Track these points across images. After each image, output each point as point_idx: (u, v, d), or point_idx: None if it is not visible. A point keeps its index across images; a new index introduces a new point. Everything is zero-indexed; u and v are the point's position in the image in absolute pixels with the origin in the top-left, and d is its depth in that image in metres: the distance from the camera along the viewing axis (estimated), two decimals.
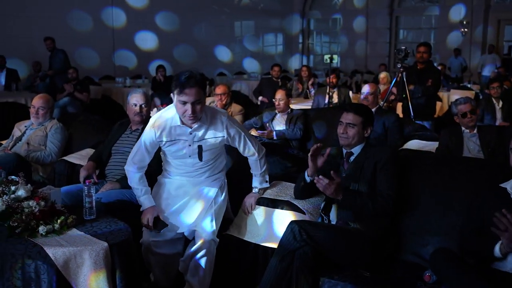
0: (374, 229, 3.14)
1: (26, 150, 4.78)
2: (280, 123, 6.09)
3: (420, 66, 6.83)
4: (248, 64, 17.19)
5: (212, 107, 3.45)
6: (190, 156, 3.32)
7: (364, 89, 5.92)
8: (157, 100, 9.81)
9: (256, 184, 3.64)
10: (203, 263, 3.37)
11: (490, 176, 3.16)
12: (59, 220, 2.91)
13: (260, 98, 9.53)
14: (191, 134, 3.26)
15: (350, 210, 3.19)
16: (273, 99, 6.35)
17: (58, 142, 4.87)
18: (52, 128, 4.91)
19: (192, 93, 3.08)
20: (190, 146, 3.28)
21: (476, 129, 4.76)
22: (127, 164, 3.43)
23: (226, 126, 3.33)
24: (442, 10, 16.63)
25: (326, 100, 8.00)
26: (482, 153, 4.64)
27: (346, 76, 16.21)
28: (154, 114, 3.40)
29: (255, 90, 10.37)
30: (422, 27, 18.14)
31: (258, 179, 3.63)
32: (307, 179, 3.40)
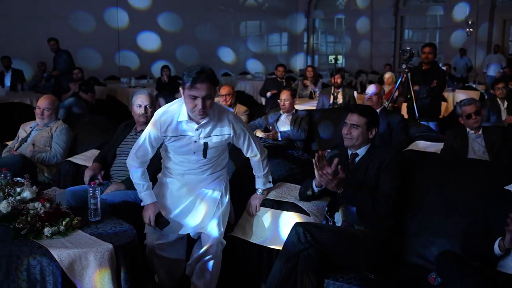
0: (378, 231, 3.14)
1: (32, 151, 4.80)
2: (285, 124, 6.09)
3: (425, 66, 6.81)
4: (252, 65, 17.16)
5: (219, 105, 3.39)
6: (194, 152, 3.27)
7: (368, 89, 5.92)
8: (162, 101, 9.84)
9: (259, 185, 3.62)
10: (210, 266, 3.36)
11: (495, 177, 3.16)
12: (64, 222, 2.91)
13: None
14: (198, 130, 3.20)
15: (350, 204, 3.19)
16: (277, 100, 6.36)
17: (63, 143, 4.88)
18: (57, 129, 4.92)
19: (204, 88, 3.02)
20: (195, 142, 3.23)
21: (481, 130, 4.74)
22: (130, 158, 3.35)
23: (232, 124, 3.29)
24: (447, 9, 16.58)
25: (331, 101, 7.99)
26: (487, 154, 4.62)
27: (351, 76, 16.19)
28: (159, 109, 3.32)
29: (261, 90, 10.37)
30: (427, 27, 18.09)
31: (262, 180, 3.60)
32: (315, 190, 3.40)
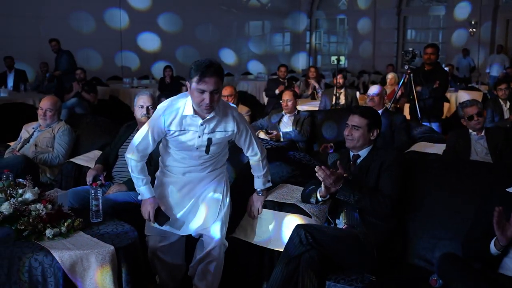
0: (380, 233, 3.14)
1: (34, 151, 4.80)
2: (287, 125, 6.08)
3: (427, 67, 6.81)
4: (254, 65, 17.13)
5: (223, 101, 3.34)
6: (197, 148, 3.22)
7: (370, 90, 5.93)
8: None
9: (259, 186, 3.59)
10: (212, 268, 3.36)
11: (498, 180, 3.15)
12: (66, 223, 2.92)
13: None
14: (202, 125, 3.16)
15: (347, 201, 3.18)
16: (280, 101, 6.36)
17: (65, 144, 4.88)
18: (60, 130, 4.92)
19: (212, 82, 2.99)
20: (199, 137, 3.19)
21: (483, 131, 4.73)
22: (129, 152, 3.27)
23: (236, 121, 3.26)
24: (450, 9, 16.55)
25: (333, 101, 7.98)
26: (489, 155, 4.61)
27: (354, 77, 16.19)
28: (162, 102, 3.26)
29: (266, 91, 10.35)
30: (430, 27, 18.07)
31: (261, 181, 3.57)
32: (320, 199, 3.40)
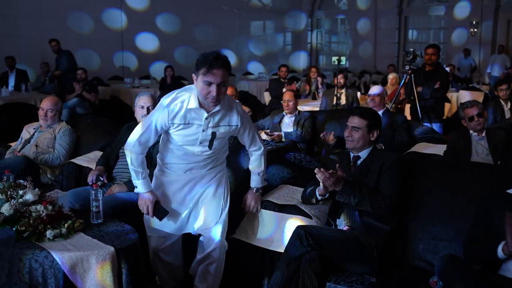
0: (380, 234, 3.14)
1: (35, 152, 4.80)
2: (288, 126, 6.06)
3: (428, 68, 6.81)
4: (255, 65, 17.10)
5: (228, 96, 3.31)
6: (201, 142, 3.18)
7: (371, 90, 5.93)
8: None
9: (257, 184, 3.55)
10: (213, 269, 3.37)
11: (498, 181, 3.15)
12: (66, 225, 2.93)
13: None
14: (207, 119, 3.12)
15: (347, 202, 3.18)
16: (281, 101, 6.35)
17: (66, 145, 4.88)
18: (61, 131, 4.92)
19: (220, 74, 2.97)
20: (204, 131, 3.15)
21: (484, 132, 4.72)
22: (130, 145, 3.20)
23: (240, 116, 3.25)
24: (451, 9, 16.53)
25: (334, 102, 7.97)
26: (490, 156, 4.60)
27: (355, 77, 16.18)
28: (165, 95, 3.20)
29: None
30: (431, 27, 18.05)
31: (259, 178, 3.54)
32: (319, 198, 3.42)
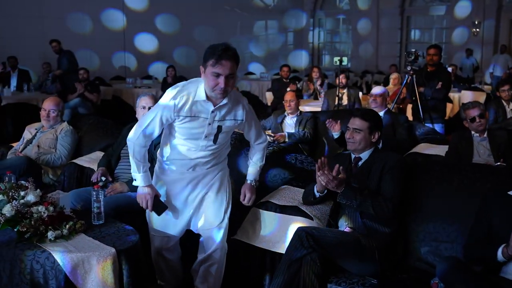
0: (381, 235, 3.14)
1: (37, 152, 4.81)
2: (290, 126, 6.05)
3: (430, 68, 6.79)
4: (256, 65, 17.09)
5: (234, 90, 3.26)
6: (206, 136, 3.13)
7: (374, 90, 5.94)
8: None
9: (254, 176, 3.49)
10: (213, 271, 3.38)
11: (500, 182, 3.15)
12: (67, 226, 2.93)
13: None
14: (213, 112, 3.08)
15: (349, 204, 3.18)
16: (283, 101, 6.34)
17: (68, 145, 4.89)
18: (62, 131, 4.92)
19: (228, 65, 2.93)
20: (210, 125, 3.10)
21: (486, 133, 4.71)
22: (134, 137, 3.12)
23: (246, 110, 3.22)
24: (453, 9, 16.51)
25: (336, 102, 7.96)
26: (492, 157, 4.60)
27: (357, 77, 16.17)
28: (171, 87, 3.15)
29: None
30: (433, 27, 18.03)
31: (257, 171, 3.49)
32: (317, 195, 3.41)
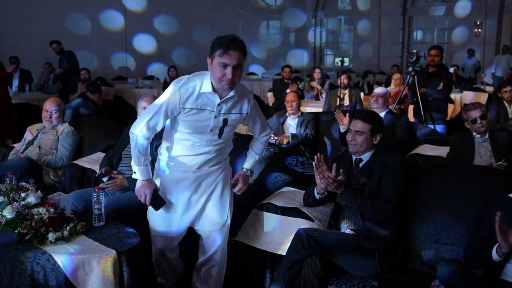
0: (382, 237, 3.14)
1: (38, 153, 4.82)
2: (291, 127, 6.05)
3: (431, 69, 6.80)
4: (257, 65, 17.08)
5: (241, 83, 3.22)
6: (211, 130, 3.08)
7: (376, 91, 5.94)
8: None
9: (251, 167, 3.44)
10: (214, 272, 3.38)
11: (501, 185, 3.14)
12: (68, 227, 2.94)
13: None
14: (219, 105, 3.03)
15: (349, 205, 3.18)
16: (284, 102, 6.33)
17: (69, 146, 4.89)
18: (64, 132, 4.93)
19: (236, 56, 2.89)
20: (216, 118, 3.05)
21: (487, 134, 4.70)
22: (137, 128, 3.06)
23: (251, 104, 3.20)
24: (455, 10, 16.50)
25: (337, 103, 7.95)
26: (493, 158, 4.59)
27: (358, 77, 16.17)
28: (176, 79, 3.09)
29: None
30: (435, 27, 18.02)
31: (255, 162, 3.46)
32: (317, 197, 3.41)
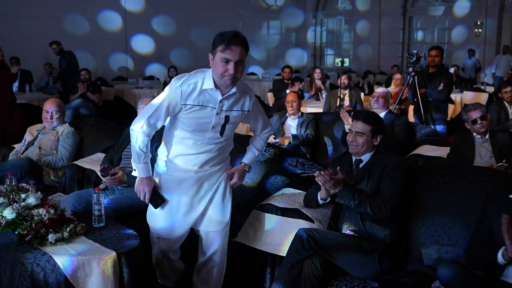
0: (382, 238, 3.14)
1: (38, 154, 4.82)
2: (291, 127, 6.04)
3: (432, 70, 6.79)
4: (257, 65, 17.07)
5: (243, 81, 3.22)
6: (213, 127, 3.06)
7: (376, 91, 5.94)
8: None
9: (250, 161, 3.43)
10: (214, 273, 3.38)
11: (501, 186, 3.13)
12: (68, 228, 2.94)
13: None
14: (221, 102, 3.02)
15: (346, 204, 3.17)
16: (284, 102, 6.32)
17: (69, 147, 4.90)
18: (64, 133, 4.93)
19: (238, 51, 2.89)
20: (217, 115, 3.04)
21: (487, 134, 4.70)
22: (138, 125, 3.03)
23: (252, 101, 3.19)
24: (455, 10, 16.49)
25: (338, 103, 7.95)
26: (494, 159, 4.58)
27: (359, 77, 16.17)
28: (176, 76, 3.09)
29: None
30: (435, 27, 18.02)
31: (254, 157, 3.45)
32: (320, 202, 3.41)
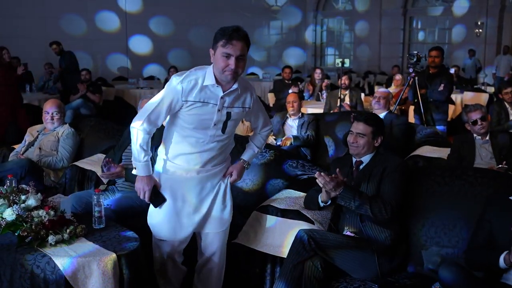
0: (382, 240, 3.14)
1: (38, 155, 4.82)
2: (291, 128, 6.04)
3: (432, 70, 6.79)
4: (257, 65, 17.06)
5: (245, 78, 3.22)
6: (215, 124, 3.02)
7: (377, 91, 5.94)
8: None
9: (248, 159, 3.40)
10: (214, 274, 3.38)
11: (501, 188, 3.13)
12: (68, 230, 2.93)
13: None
14: (223, 98, 2.99)
15: (347, 206, 3.17)
16: (284, 103, 6.32)
17: (69, 148, 4.89)
18: (64, 134, 4.93)
19: (239, 46, 2.88)
20: (219, 111, 3.00)
21: (488, 135, 4.69)
22: (138, 122, 2.99)
23: (253, 99, 3.17)
24: (455, 10, 16.49)
25: (338, 103, 7.95)
26: (494, 160, 4.58)
27: (359, 77, 16.18)
28: (176, 73, 3.05)
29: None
30: (436, 27, 18.01)
31: (253, 154, 3.43)
32: (321, 204, 3.40)
